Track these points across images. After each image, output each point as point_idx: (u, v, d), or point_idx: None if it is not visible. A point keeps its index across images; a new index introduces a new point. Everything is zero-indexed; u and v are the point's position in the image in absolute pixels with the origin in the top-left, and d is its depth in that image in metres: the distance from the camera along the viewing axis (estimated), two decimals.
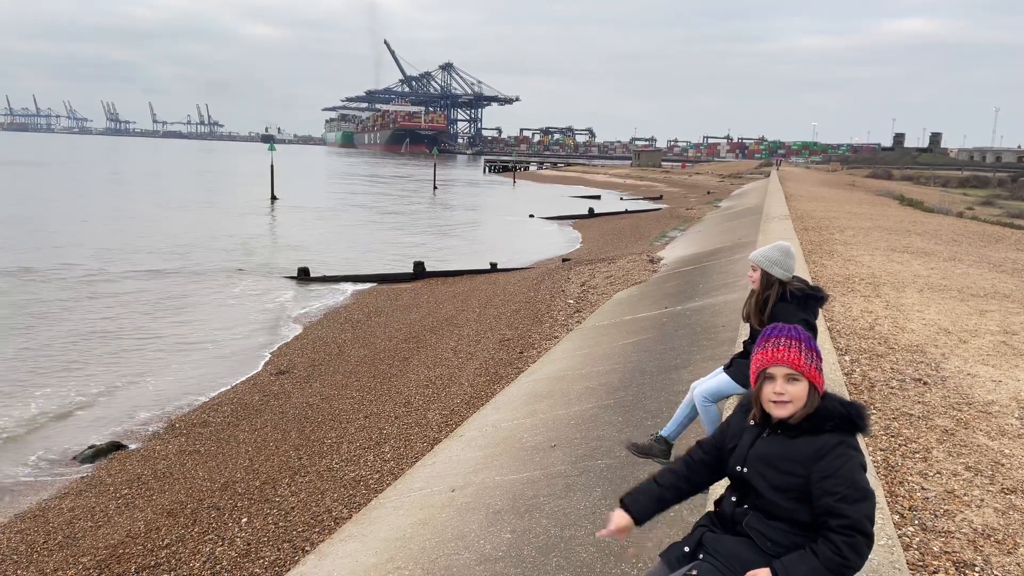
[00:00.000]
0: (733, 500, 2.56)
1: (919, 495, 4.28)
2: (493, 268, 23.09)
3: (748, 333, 4.57)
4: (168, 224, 34.34)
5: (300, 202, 48.70)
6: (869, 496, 2.31)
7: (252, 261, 24.89)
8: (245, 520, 7.06)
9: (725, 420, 2.80)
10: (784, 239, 5.48)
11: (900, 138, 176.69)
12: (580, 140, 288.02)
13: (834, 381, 5.90)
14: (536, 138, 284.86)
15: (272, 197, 48.21)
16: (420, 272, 22.18)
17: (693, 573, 2.47)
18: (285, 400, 10.97)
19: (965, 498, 4.26)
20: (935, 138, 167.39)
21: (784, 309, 4.06)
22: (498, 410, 8.14)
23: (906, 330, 8.21)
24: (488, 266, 23.30)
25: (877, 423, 5.37)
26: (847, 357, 7.01)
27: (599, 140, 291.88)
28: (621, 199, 60.66)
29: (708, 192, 60.98)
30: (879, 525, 3.66)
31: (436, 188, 68.19)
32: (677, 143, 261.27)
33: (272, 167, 50.23)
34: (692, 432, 4.88)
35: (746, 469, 2.51)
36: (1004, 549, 3.73)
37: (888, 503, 4.09)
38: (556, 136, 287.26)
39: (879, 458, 4.75)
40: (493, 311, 15.76)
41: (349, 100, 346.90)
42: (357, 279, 21.80)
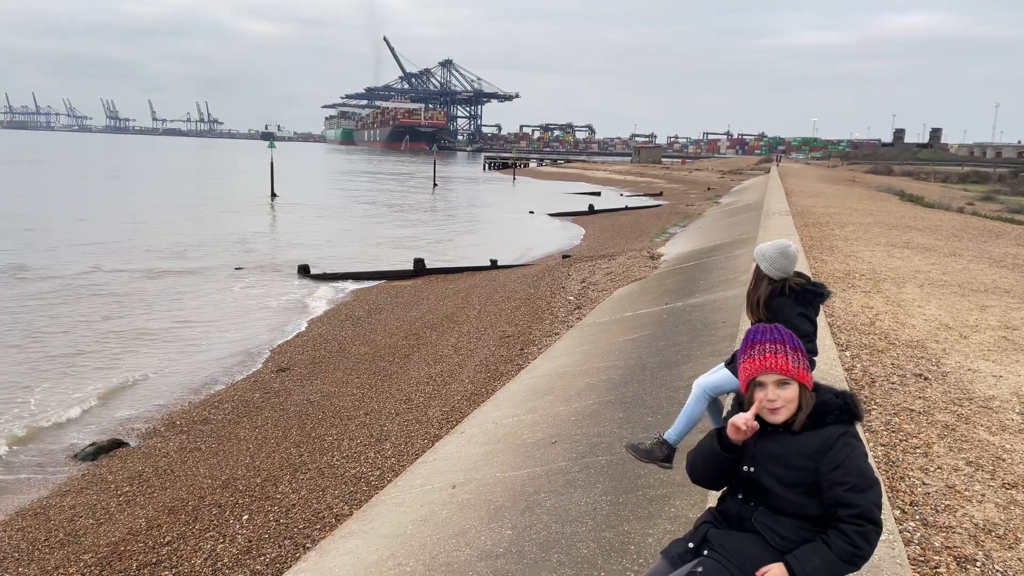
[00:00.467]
0: (739, 497, 2.56)
1: (920, 490, 4.28)
2: (493, 265, 23.08)
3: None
4: (168, 222, 34.33)
5: (300, 199, 48.67)
6: (876, 484, 2.36)
7: (252, 259, 24.88)
8: (246, 517, 7.07)
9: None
10: (785, 235, 5.48)
11: (900, 134, 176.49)
12: (580, 137, 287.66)
13: (835, 377, 5.90)
14: (536, 135, 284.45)
15: (272, 194, 48.19)
16: (420, 269, 22.18)
17: (699, 570, 2.46)
18: (286, 397, 10.97)
19: (966, 493, 4.26)
20: (935, 134, 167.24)
21: (782, 303, 4.06)
22: (499, 407, 8.14)
23: (907, 326, 8.21)
24: (488, 263, 23.29)
25: (878, 418, 5.37)
26: (848, 353, 7.01)
27: (599, 137, 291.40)
28: (621, 196, 60.58)
29: (708, 188, 60.95)
30: None
31: (436, 185, 68.15)
32: (677, 139, 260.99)
33: (272, 164, 50.21)
34: (694, 430, 4.86)
35: (754, 468, 2.50)
36: (1005, 544, 3.73)
37: (889, 498, 4.09)
38: (556, 133, 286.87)
39: (880, 453, 4.75)
40: (493, 308, 15.75)
41: (349, 97, 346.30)
42: (357, 276, 21.79)
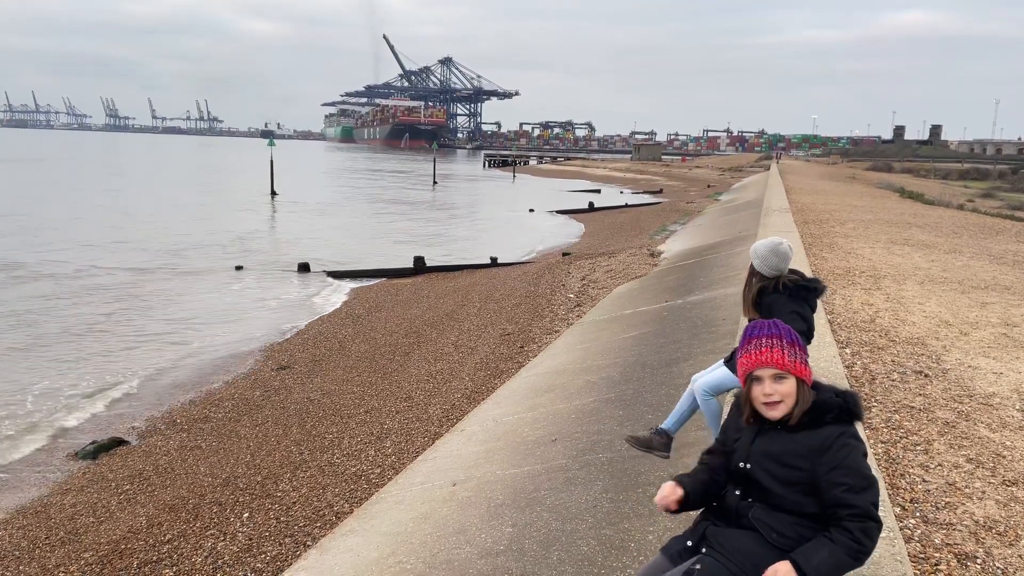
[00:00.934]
0: (737, 494, 2.56)
1: (920, 487, 4.28)
2: (493, 263, 23.09)
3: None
4: (168, 220, 34.32)
5: (300, 198, 48.66)
6: (874, 483, 2.36)
7: (252, 257, 24.87)
8: (247, 515, 7.07)
9: (724, 420, 2.80)
10: (785, 232, 5.48)
11: (900, 131, 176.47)
12: (580, 134, 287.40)
13: (835, 374, 5.89)
14: (536, 132, 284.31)
15: (272, 192, 48.19)
16: (420, 267, 22.18)
17: (697, 567, 2.46)
18: (286, 395, 10.97)
19: (966, 490, 4.26)
20: (935, 130, 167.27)
21: (776, 300, 4.06)
22: (499, 404, 8.14)
23: (907, 322, 8.21)
24: (488, 261, 23.30)
25: (878, 415, 5.37)
26: (848, 350, 7.00)
27: (599, 134, 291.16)
28: (621, 193, 60.57)
29: (708, 186, 60.94)
30: (880, 517, 3.66)
31: (436, 183, 68.16)
32: (677, 137, 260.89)
33: (272, 162, 50.21)
34: (693, 424, 4.88)
35: (750, 465, 2.50)
36: (1006, 541, 3.73)
37: (890, 495, 4.09)
38: (556, 130, 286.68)
39: (880, 450, 4.75)
40: (494, 306, 15.75)
41: (348, 95, 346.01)
42: (358, 274, 21.80)
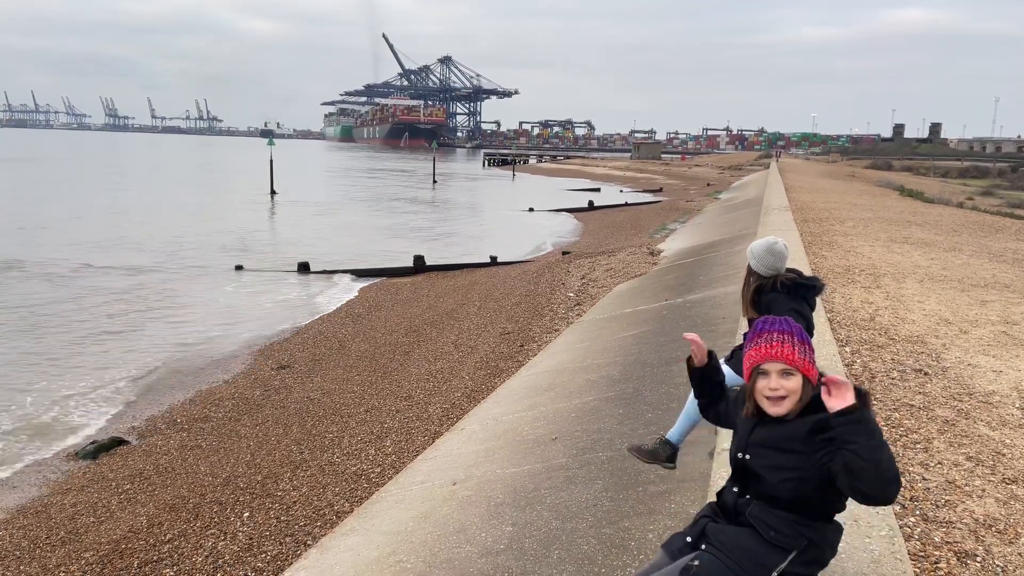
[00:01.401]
0: (735, 490, 2.57)
1: (920, 485, 4.28)
2: (493, 261, 23.08)
3: (748, 324, 4.57)
4: (167, 220, 34.31)
5: (299, 197, 48.66)
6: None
7: (252, 256, 24.86)
8: (247, 515, 7.07)
9: (731, 398, 2.89)
10: (784, 231, 5.48)
11: (900, 129, 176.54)
12: (579, 133, 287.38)
13: (835, 372, 5.90)
14: (535, 131, 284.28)
15: (271, 192, 48.18)
16: (420, 266, 22.18)
17: (696, 563, 2.47)
18: (286, 394, 10.98)
19: (966, 488, 4.26)
20: (935, 128, 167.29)
21: (774, 299, 4.07)
22: (499, 403, 8.15)
23: (907, 321, 8.21)
24: (488, 259, 23.29)
25: (878, 414, 5.37)
26: (848, 348, 7.01)
27: (598, 133, 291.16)
28: (621, 192, 60.56)
29: (708, 184, 60.93)
30: (881, 516, 3.67)
31: (436, 182, 68.15)
32: (677, 135, 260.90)
33: (271, 162, 50.20)
34: (696, 437, 4.82)
35: (748, 455, 2.52)
36: (1006, 539, 3.73)
37: None
38: (555, 129, 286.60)
39: None
40: (493, 304, 15.75)
41: (348, 94, 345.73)
42: (357, 273, 21.80)
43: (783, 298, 4.07)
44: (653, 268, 16.50)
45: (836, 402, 2.26)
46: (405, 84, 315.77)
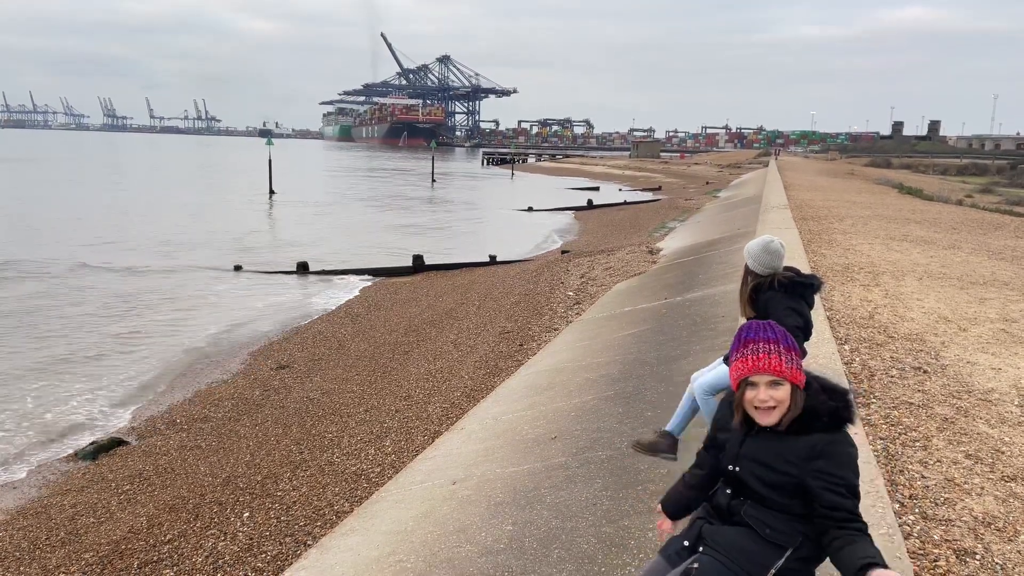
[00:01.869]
0: (728, 492, 2.56)
1: (919, 483, 4.29)
2: (492, 261, 23.08)
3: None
4: (166, 220, 34.28)
5: (298, 196, 48.65)
6: (858, 495, 2.36)
7: (251, 256, 24.85)
8: (247, 515, 7.07)
9: (715, 415, 2.78)
10: (783, 229, 5.48)
11: (899, 126, 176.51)
12: (578, 132, 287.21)
13: (834, 371, 5.90)
14: (534, 130, 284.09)
15: (270, 192, 48.15)
16: (419, 265, 22.18)
17: (695, 566, 2.47)
18: (286, 394, 10.97)
19: (965, 486, 4.26)
20: (934, 126, 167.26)
21: (772, 298, 4.08)
22: (498, 403, 8.15)
23: (906, 319, 8.21)
24: (487, 259, 23.28)
25: (877, 412, 5.37)
26: (847, 346, 7.01)
27: (597, 131, 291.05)
28: (620, 190, 60.57)
29: (707, 182, 60.91)
30: (879, 514, 3.68)
31: (435, 181, 68.16)
32: (676, 134, 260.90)
33: (270, 162, 50.18)
34: (697, 424, 4.87)
35: (738, 468, 2.50)
36: (1005, 536, 3.73)
37: (888, 492, 4.09)
38: (554, 128, 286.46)
39: (879, 447, 4.76)
40: (493, 304, 15.75)
41: (347, 94, 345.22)
42: (356, 273, 21.80)
43: (781, 296, 4.07)
44: (652, 267, 16.50)
45: None
46: (404, 83, 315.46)
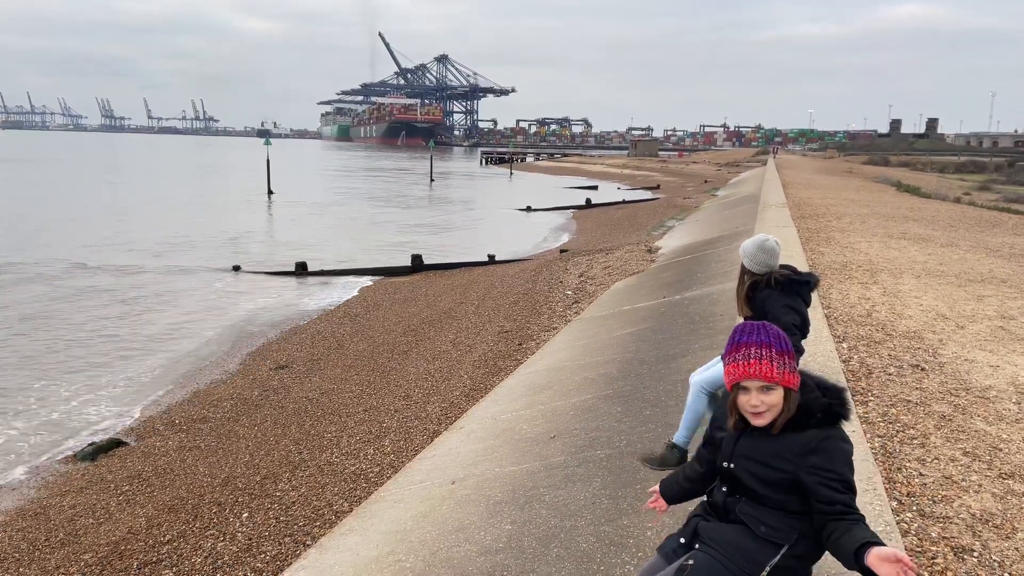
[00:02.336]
0: (724, 490, 2.58)
1: (917, 481, 4.29)
2: (491, 260, 23.08)
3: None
4: (165, 220, 34.26)
5: (297, 197, 48.62)
6: (854, 490, 2.37)
7: (249, 257, 24.85)
8: (246, 515, 7.08)
9: (712, 415, 2.80)
10: (781, 227, 5.50)
11: (897, 124, 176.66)
12: (576, 131, 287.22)
13: (832, 369, 5.91)
14: (532, 129, 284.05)
15: (269, 192, 48.14)
16: (418, 265, 22.18)
17: (690, 563, 2.48)
18: (284, 395, 10.97)
19: (963, 483, 4.27)
20: (932, 124, 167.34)
21: (769, 296, 4.09)
22: (497, 402, 8.15)
23: (903, 316, 8.22)
24: (486, 258, 23.28)
25: (875, 410, 5.38)
26: (845, 344, 7.02)
27: (595, 130, 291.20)
28: (618, 189, 60.61)
29: (705, 181, 60.93)
30: (877, 512, 3.69)
31: (433, 180, 68.15)
32: (674, 132, 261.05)
33: (268, 162, 50.15)
34: (696, 435, 4.86)
35: (733, 465, 2.52)
36: (1002, 534, 3.74)
37: (886, 489, 4.10)
38: (552, 127, 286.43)
39: (877, 445, 4.77)
40: (491, 303, 15.75)
41: (344, 93, 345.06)
42: (355, 273, 21.80)
43: (777, 295, 4.08)
44: (651, 265, 16.51)
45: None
46: (402, 83, 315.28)
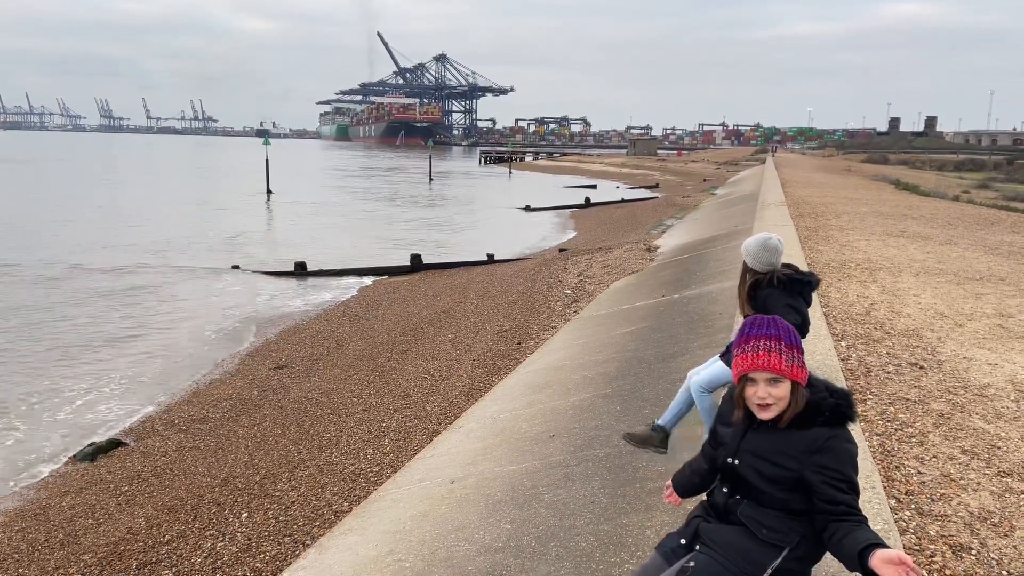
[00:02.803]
0: (725, 491, 2.57)
1: (915, 479, 4.30)
2: (490, 259, 23.07)
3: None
4: (164, 220, 34.25)
5: (296, 196, 48.61)
6: (858, 491, 2.37)
7: (249, 256, 24.84)
8: (245, 515, 7.08)
9: (719, 408, 2.80)
10: (781, 225, 5.50)
11: (896, 122, 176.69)
12: (575, 130, 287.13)
13: (831, 367, 5.92)
14: (531, 128, 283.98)
15: (268, 191, 48.13)
16: (417, 264, 22.18)
17: (691, 564, 2.48)
18: (284, 394, 10.97)
19: (961, 482, 4.28)
20: (930, 122, 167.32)
21: (770, 295, 4.10)
22: (497, 401, 8.16)
23: (902, 315, 8.23)
24: (485, 257, 23.28)
25: (874, 408, 5.39)
26: (843, 343, 7.03)
27: (594, 129, 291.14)
28: (617, 188, 60.60)
29: (704, 180, 60.93)
30: (876, 510, 3.69)
31: (432, 180, 68.15)
32: (673, 131, 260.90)
33: (267, 161, 50.14)
34: (690, 418, 4.89)
35: (737, 461, 2.51)
36: (1000, 532, 3.75)
37: (885, 488, 4.10)
38: (551, 126, 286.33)
39: (875, 443, 4.77)
40: (491, 302, 15.75)
41: (343, 93, 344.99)
42: (355, 273, 21.79)
43: (779, 294, 4.09)
44: (650, 264, 16.52)
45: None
46: (401, 82, 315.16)
